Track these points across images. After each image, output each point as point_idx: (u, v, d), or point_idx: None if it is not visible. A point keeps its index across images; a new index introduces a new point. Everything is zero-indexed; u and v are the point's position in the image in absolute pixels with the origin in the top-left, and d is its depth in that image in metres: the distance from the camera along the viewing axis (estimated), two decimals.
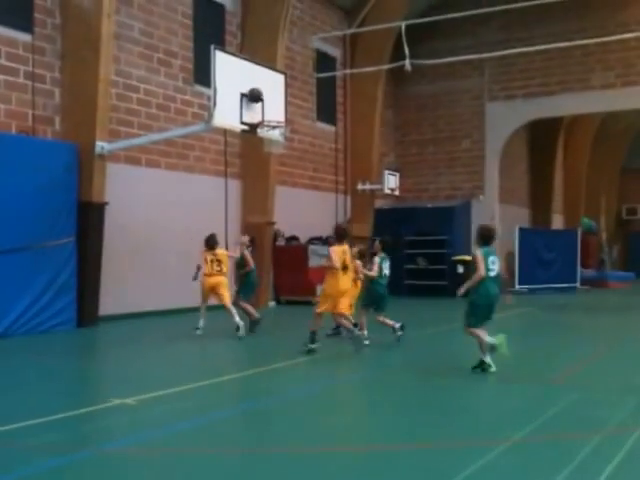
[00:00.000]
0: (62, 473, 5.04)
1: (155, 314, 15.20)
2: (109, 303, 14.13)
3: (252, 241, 13.23)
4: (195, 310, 16.03)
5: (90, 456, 5.41)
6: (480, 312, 8.55)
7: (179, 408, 6.97)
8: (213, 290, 12.28)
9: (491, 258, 8.61)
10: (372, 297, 11.16)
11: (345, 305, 10.44)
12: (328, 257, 10.04)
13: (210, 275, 12.22)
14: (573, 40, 20.60)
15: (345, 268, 9.97)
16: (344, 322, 10.33)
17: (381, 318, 11.17)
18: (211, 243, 12.41)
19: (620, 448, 5.40)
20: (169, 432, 6.05)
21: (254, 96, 11.63)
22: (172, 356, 10.50)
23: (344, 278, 10.05)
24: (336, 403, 7.58)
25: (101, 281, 13.81)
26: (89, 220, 13.45)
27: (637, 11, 22.33)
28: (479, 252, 8.59)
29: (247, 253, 12.70)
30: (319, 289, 15.21)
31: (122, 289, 14.64)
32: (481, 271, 8.42)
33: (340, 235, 10.37)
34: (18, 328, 12.28)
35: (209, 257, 12.20)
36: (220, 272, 12.23)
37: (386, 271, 11.26)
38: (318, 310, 10.08)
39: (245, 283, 12.77)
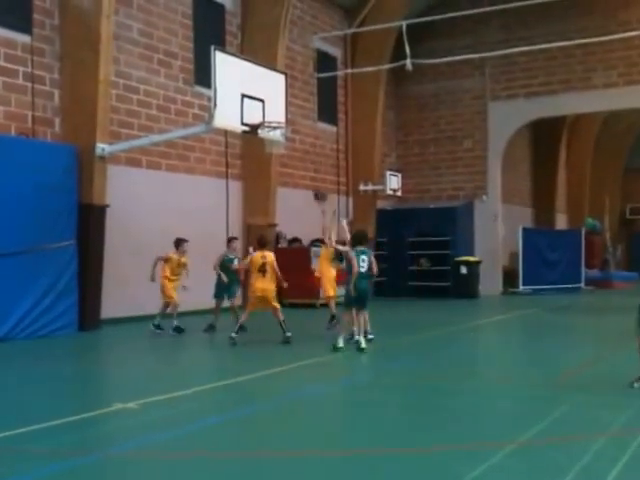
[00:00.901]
0: (65, 478, 5.01)
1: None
2: (111, 306, 14.05)
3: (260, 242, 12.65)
4: (198, 312, 16.03)
5: (93, 461, 5.39)
6: (352, 300, 10.49)
7: (181, 412, 6.94)
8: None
9: (362, 257, 10.47)
10: (356, 294, 10.76)
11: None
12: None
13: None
14: (574, 39, 20.52)
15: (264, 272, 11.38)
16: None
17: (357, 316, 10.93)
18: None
19: (625, 450, 5.36)
20: (172, 436, 6.02)
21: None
22: (174, 359, 10.45)
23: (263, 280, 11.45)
24: (338, 406, 7.53)
25: (103, 284, 13.73)
26: (90, 222, 13.39)
27: (638, 10, 22.22)
28: (352, 252, 10.47)
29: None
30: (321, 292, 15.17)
31: (124, 292, 14.56)
32: (355, 268, 10.29)
33: (260, 243, 12.01)
34: (19, 332, 12.20)
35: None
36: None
37: (363, 264, 10.71)
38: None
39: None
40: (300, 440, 5.96)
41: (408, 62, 18.63)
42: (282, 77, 12.89)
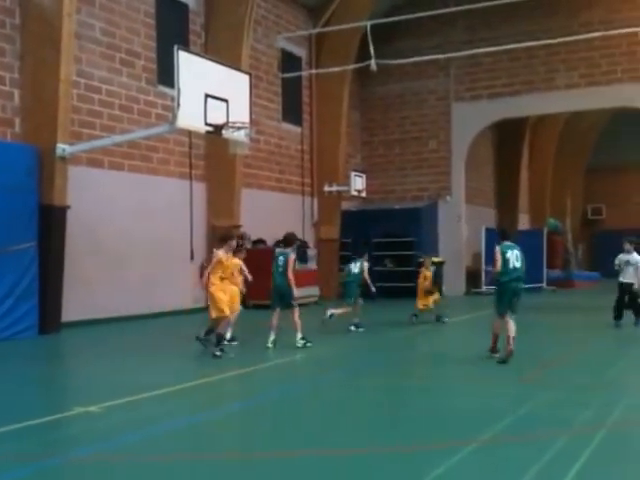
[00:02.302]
0: None
1: (119, 320, 14.93)
2: (73, 309, 13.85)
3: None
4: (157, 316, 15.89)
5: (55, 465, 5.35)
6: (272, 297, 11.45)
7: (143, 415, 6.91)
8: None
9: (280, 257, 11.37)
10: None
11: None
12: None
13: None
14: (538, 40, 20.78)
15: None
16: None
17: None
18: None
19: (586, 447, 5.46)
20: (133, 439, 6.00)
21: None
22: (134, 363, 10.31)
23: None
24: (299, 407, 7.50)
25: (64, 286, 13.52)
26: (50, 224, 13.17)
27: (601, 11, 22.57)
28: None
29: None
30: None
31: (86, 294, 14.36)
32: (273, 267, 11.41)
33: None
34: None
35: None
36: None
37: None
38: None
39: None
40: (265, 441, 5.95)
41: (373, 62, 18.68)
42: (246, 77, 12.85)
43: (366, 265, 13.83)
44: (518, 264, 9.78)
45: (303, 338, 10.94)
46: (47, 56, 13.10)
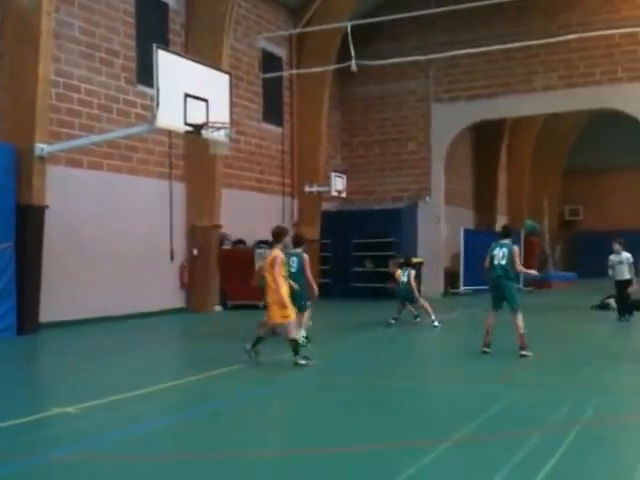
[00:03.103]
0: None
1: (99, 320, 14.86)
2: (52, 309, 13.76)
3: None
4: (137, 316, 15.84)
5: (32, 465, 5.33)
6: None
7: (121, 416, 6.89)
8: None
9: (293, 258, 10.83)
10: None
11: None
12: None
13: None
14: (516, 42, 20.95)
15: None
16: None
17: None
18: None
19: (559, 446, 5.51)
20: (111, 440, 5.99)
21: None
22: (114, 363, 10.29)
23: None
24: (277, 407, 7.56)
25: (42, 287, 13.43)
26: (28, 224, 13.08)
27: (579, 13, 22.78)
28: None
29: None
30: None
31: (65, 295, 14.27)
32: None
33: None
34: None
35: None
36: None
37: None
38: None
39: None
40: (243, 441, 5.96)
41: (353, 63, 18.76)
42: (226, 77, 12.83)
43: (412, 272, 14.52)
44: (503, 261, 10.26)
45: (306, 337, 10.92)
46: (25, 55, 13.00)
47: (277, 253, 9.44)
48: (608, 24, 21.19)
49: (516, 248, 10.61)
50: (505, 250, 10.38)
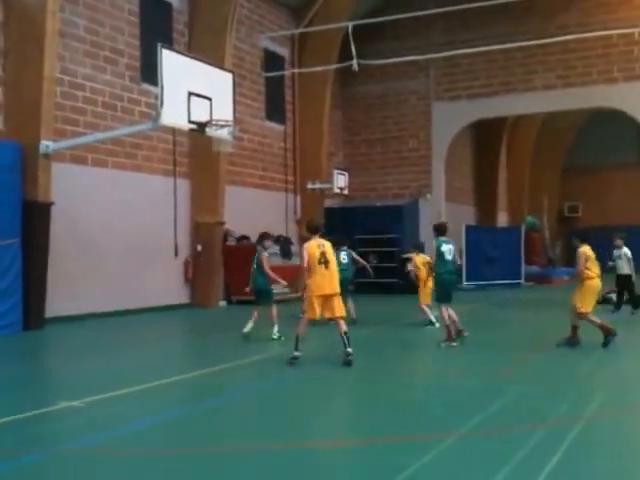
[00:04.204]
0: (11, 477, 4.97)
1: (104, 316, 15.02)
2: (57, 305, 13.90)
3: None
4: (142, 311, 15.98)
5: (40, 459, 5.36)
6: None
7: (127, 410, 6.93)
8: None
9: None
10: None
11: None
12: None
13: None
14: (515, 42, 21.11)
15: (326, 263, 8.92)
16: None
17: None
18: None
19: (563, 440, 5.52)
20: (118, 433, 6.02)
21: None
22: (119, 358, 10.37)
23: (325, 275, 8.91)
24: (283, 399, 7.60)
25: (48, 283, 13.57)
26: (34, 220, 13.20)
27: (577, 14, 22.99)
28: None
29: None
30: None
31: (70, 291, 14.42)
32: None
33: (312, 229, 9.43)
34: None
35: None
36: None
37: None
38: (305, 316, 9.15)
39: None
40: (245, 435, 6.02)
41: (354, 63, 18.89)
42: (229, 76, 12.95)
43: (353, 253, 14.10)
44: (451, 257, 10.66)
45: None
46: (31, 53, 13.12)
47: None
48: (605, 25, 21.39)
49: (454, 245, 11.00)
50: (452, 247, 10.77)
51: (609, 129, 34.54)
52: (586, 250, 10.34)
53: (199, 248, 18.12)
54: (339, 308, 8.95)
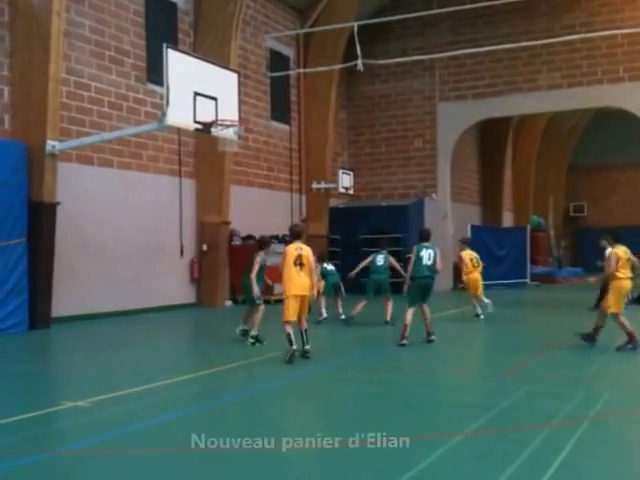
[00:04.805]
0: (17, 476, 4.98)
1: (110, 315, 15.05)
2: (63, 304, 13.94)
3: None
4: (148, 311, 16.01)
5: (45, 459, 5.37)
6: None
7: (132, 409, 6.93)
8: None
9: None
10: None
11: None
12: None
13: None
14: (520, 42, 21.10)
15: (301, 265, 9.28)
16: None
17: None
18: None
19: (569, 439, 5.53)
20: (123, 433, 6.02)
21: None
22: (125, 358, 10.40)
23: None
24: (288, 401, 7.61)
25: (54, 282, 13.61)
26: (40, 220, 13.24)
27: (581, 14, 22.98)
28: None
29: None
30: (277, 287, 15.21)
31: (76, 290, 14.47)
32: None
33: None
34: None
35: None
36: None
37: None
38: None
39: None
40: (253, 434, 5.89)
41: (359, 62, 18.90)
42: (235, 76, 12.97)
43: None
44: (429, 262, 10.89)
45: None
46: (36, 54, 13.15)
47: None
48: (610, 24, 21.36)
49: (438, 250, 11.14)
50: (431, 252, 10.99)
51: (614, 129, 34.48)
52: (618, 251, 10.25)
53: (205, 248, 18.16)
54: (306, 308, 9.53)
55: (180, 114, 11.57)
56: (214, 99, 12.01)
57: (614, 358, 9.81)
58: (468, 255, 15.02)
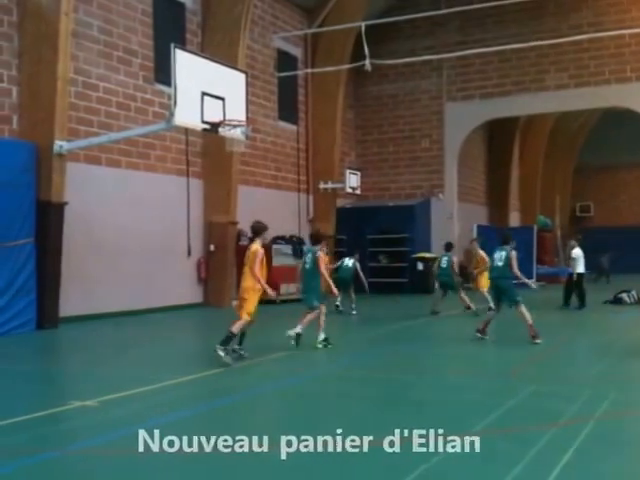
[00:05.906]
0: (25, 475, 5.00)
1: (118, 315, 15.09)
2: (71, 304, 13.99)
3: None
4: (155, 311, 16.04)
5: (54, 458, 5.39)
6: None
7: (140, 409, 6.94)
8: None
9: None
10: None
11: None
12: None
13: None
14: (528, 42, 21.06)
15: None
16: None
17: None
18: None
19: (575, 439, 5.53)
20: (132, 433, 5.92)
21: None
22: (132, 357, 10.43)
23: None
24: (297, 399, 7.60)
25: (62, 282, 13.66)
26: (48, 220, 13.29)
27: (589, 14, 22.93)
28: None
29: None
30: (283, 288, 15.33)
31: (84, 290, 14.51)
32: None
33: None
34: None
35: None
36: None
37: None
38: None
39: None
40: (258, 433, 5.82)
41: (367, 62, 18.90)
42: (242, 76, 12.99)
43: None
44: (501, 263, 11.31)
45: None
46: (45, 54, 13.21)
47: (258, 247, 9.77)
48: (618, 24, 21.32)
49: (514, 252, 11.48)
50: (503, 253, 11.39)
51: (621, 129, 34.36)
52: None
53: (212, 248, 18.18)
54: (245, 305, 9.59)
55: (188, 114, 11.60)
56: (222, 99, 12.04)
57: (618, 359, 9.79)
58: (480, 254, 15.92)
